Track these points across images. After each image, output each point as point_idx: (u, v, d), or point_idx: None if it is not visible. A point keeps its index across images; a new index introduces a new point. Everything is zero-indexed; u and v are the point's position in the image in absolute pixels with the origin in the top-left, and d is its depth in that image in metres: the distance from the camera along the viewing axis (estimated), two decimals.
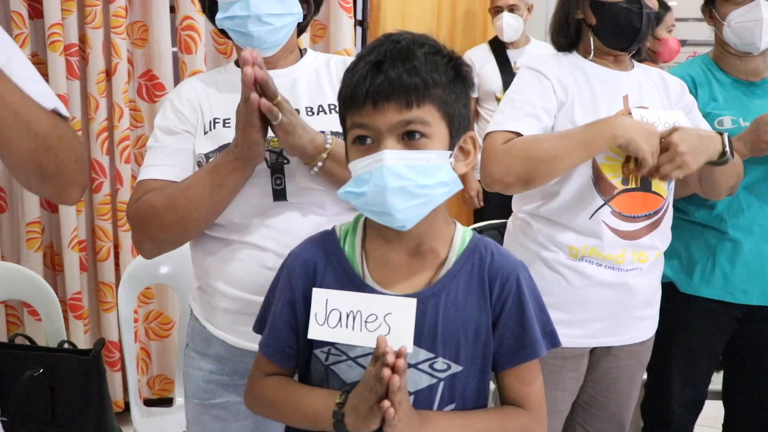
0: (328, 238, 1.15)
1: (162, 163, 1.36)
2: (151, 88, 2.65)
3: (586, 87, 1.58)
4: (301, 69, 1.43)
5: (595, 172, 1.55)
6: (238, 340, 1.37)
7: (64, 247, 2.55)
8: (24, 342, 2.07)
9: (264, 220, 1.33)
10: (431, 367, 1.08)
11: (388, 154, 1.00)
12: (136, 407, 2.11)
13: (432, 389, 1.09)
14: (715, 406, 2.06)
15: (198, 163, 1.36)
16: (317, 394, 1.10)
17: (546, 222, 1.61)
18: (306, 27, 1.49)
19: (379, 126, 1.01)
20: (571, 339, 1.55)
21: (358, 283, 1.10)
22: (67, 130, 1.08)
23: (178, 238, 1.35)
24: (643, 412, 2.02)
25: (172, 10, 2.64)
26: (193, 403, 1.45)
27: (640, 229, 1.58)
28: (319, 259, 1.13)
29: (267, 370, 1.17)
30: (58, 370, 1.89)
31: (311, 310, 1.08)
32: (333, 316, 1.06)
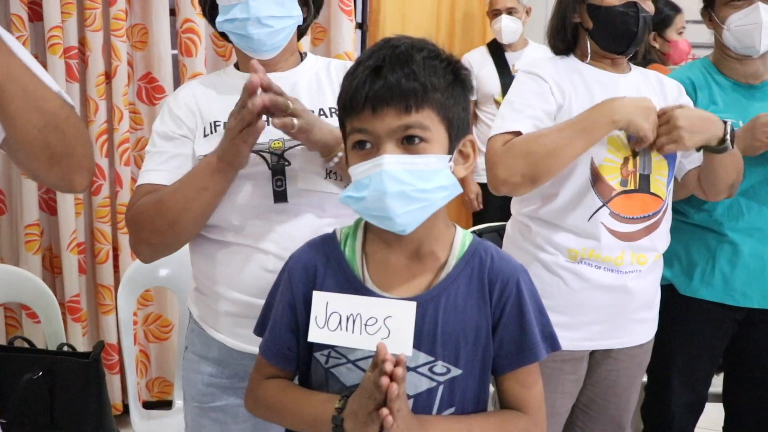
0: (329, 242, 1.16)
1: (159, 168, 1.36)
2: (150, 90, 2.65)
3: (583, 90, 1.59)
4: (302, 73, 1.44)
5: (594, 174, 1.55)
6: (238, 343, 1.37)
7: (63, 249, 2.54)
8: (23, 344, 2.06)
9: (264, 222, 1.33)
10: (431, 370, 1.08)
11: (388, 158, 1.00)
12: (135, 410, 2.11)
13: (431, 393, 1.09)
14: (716, 408, 2.06)
15: None
16: (317, 399, 1.10)
17: (545, 224, 1.61)
18: (306, 30, 1.50)
19: (378, 131, 1.01)
20: (570, 342, 1.55)
21: (358, 287, 1.10)
22: (74, 113, 1.06)
23: (171, 241, 1.35)
24: (644, 414, 2.02)
25: (172, 13, 2.64)
26: (192, 407, 1.45)
27: (638, 230, 1.58)
28: (320, 262, 1.13)
29: (267, 372, 1.17)
30: (58, 372, 1.88)
31: (311, 313, 1.08)
32: (333, 319, 1.07)
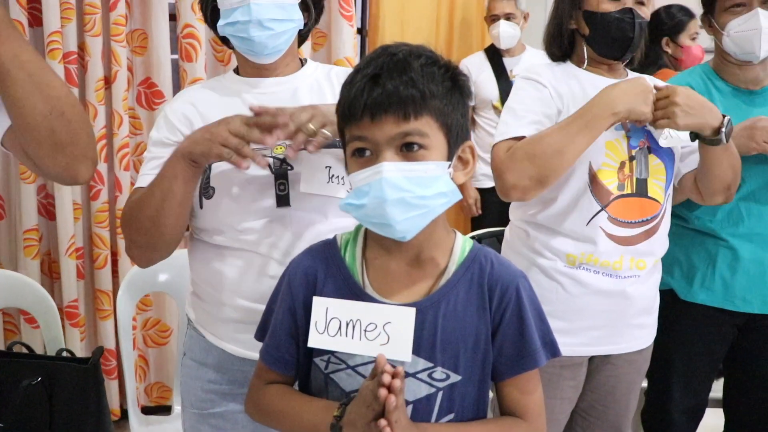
0: (329, 247, 1.16)
1: (152, 173, 1.36)
2: (150, 95, 2.66)
3: (581, 95, 1.59)
4: (303, 78, 1.44)
5: (591, 178, 1.56)
6: (238, 349, 1.37)
7: (62, 254, 2.54)
8: (22, 350, 2.06)
9: (266, 227, 1.33)
10: (430, 376, 1.08)
11: (387, 166, 1.01)
12: (134, 415, 2.11)
13: (431, 399, 1.09)
14: (716, 413, 2.06)
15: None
16: (316, 406, 1.10)
17: (543, 229, 1.61)
18: (307, 36, 1.50)
19: (377, 138, 1.02)
20: (569, 347, 1.55)
21: (358, 292, 1.10)
22: (78, 102, 1.07)
23: (156, 241, 1.33)
24: (644, 419, 2.01)
25: (172, 18, 2.65)
26: (190, 413, 1.45)
27: (636, 234, 1.58)
28: (320, 268, 1.13)
29: (267, 378, 1.18)
30: (57, 378, 1.88)
31: (311, 319, 1.08)
32: (333, 325, 1.07)
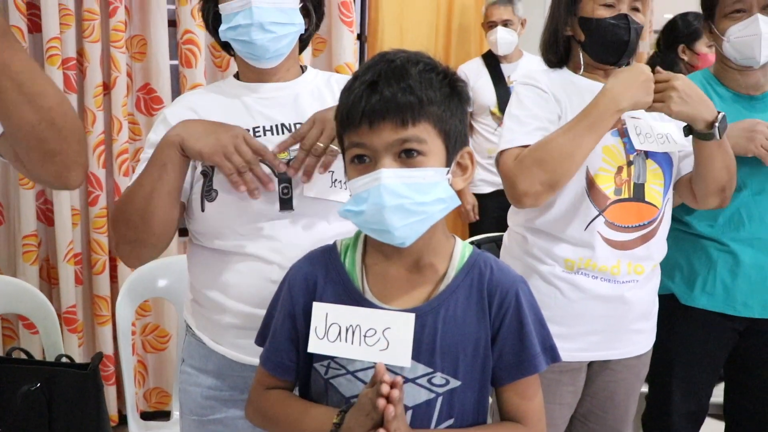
0: (329, 253, 1.16)
1: None
2: (149, 101, 2.66)
3: (578, 100, 1.59)
4: (303, 85, 1.44)
5: (589, 183, 1.56)
6: (239, 355, 1.37)
7: (60, 260, 2.55)
8: (21, 356, 2.06)
9: (269, 231, 1.33)
10: (429, 382, 1.08)
11: (386, 172, 1.01)
12: (133, 421, 2.10)
13: (430, 404, 1.09)
14: (716, 418, 2.06)
15: (203, 172, 1.36)
16: (315, 412, 1.10)
17: (541, 235, 1.62)
18: (308, 41, 1.51)
19: (375, 145, 1.02)
20: (568, 353, 1.54)
21: (357, 298, 1.10)
22: (72, 110, 1.06)
23: (145, 236, 1.32)
24: (645, 424, 2.01)
25: (172, 24, 2.65)
26: (190, 420, 1.45)
27: (633, 239, 1.58)
28: (320, 274, 1.13)
29: (268, 383, 1.18)
30: (56, 384, 1.87)
31: (311, 324, 1.08)
32: (333, 330, 1.07)
